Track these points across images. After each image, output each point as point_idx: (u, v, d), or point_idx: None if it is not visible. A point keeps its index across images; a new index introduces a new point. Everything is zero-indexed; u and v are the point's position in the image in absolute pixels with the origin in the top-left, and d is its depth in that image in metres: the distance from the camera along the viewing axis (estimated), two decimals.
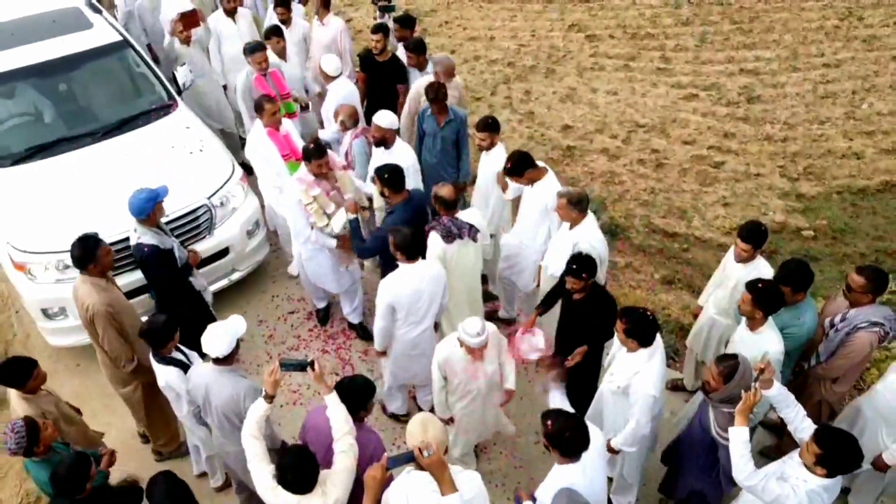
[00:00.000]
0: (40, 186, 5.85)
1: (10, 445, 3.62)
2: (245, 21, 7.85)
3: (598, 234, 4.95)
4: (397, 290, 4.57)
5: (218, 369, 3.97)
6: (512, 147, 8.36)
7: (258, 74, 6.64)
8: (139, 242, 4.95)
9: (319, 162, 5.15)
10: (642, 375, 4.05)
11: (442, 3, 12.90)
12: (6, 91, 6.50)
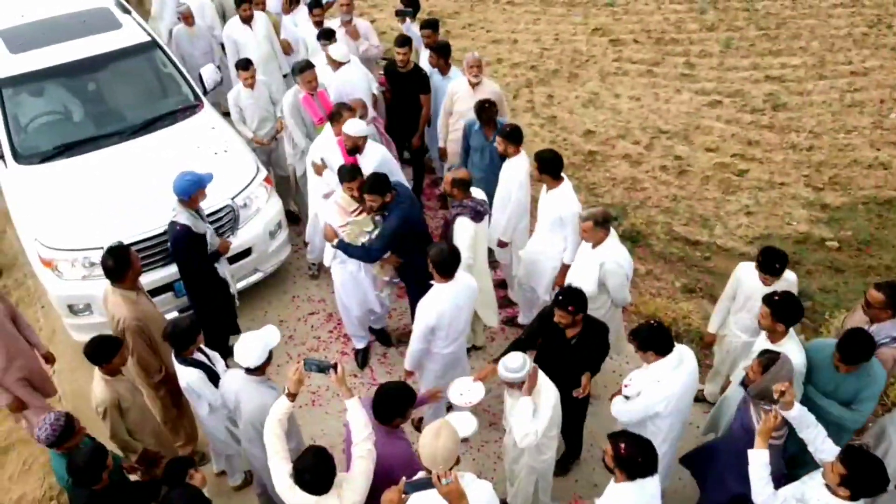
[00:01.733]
0: (68, 184, 5.95)
1: (41, 434, 3.69)
2: (262, 27, 7.82)
3: (624, 251, 4.90)
4: (440, 310, 4.48)
5: (249, 378, 4.01)
6: (532, 152, 8.38)
7: (306, 94, 6.49)
8: (173, 220, 5.12)
9: (351, 184, 5.10)
10: (658, 388, 4.03)
11: (465, 5, 12.90)
12: (36, 90, 6.62)
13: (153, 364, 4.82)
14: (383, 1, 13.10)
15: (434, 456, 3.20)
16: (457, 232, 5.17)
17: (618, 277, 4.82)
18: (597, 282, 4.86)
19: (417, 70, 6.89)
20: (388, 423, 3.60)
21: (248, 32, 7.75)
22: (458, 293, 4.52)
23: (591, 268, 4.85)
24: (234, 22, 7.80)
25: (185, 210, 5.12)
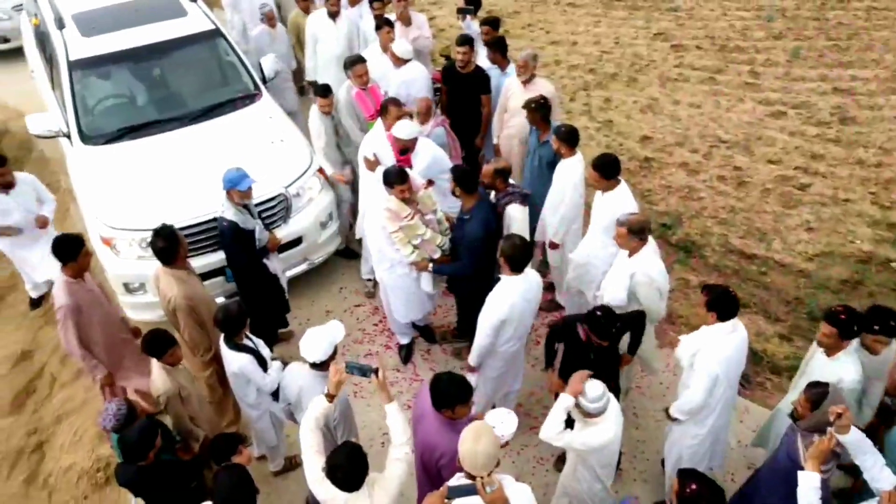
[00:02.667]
0: (129, 166, 6.09)
1: (106, 423, 3.81)
2: (345, 24, 7.80)
3: (659, 264, 4.70)
4: (512, 302, 4.43)
5: (313, 373, 4.03)
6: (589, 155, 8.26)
7: (358, 90, 6.52)
8: (221, 216, 5.20)
9: (402, 187, 4.97)
10: (710, 349, 4.05)
11: (525, 5, 12.82)
12: (105, 73, 6.81)
13: (203, 343, 4.91)
14: None
15: (474, 459, 3.16)
16: (512, 218, 5.21)
17: (648, 290, 4.64)
18: (627, 291, 4.72)
19: (479, 70, 6.81)
20: (444, 408, 3.55)
21: (332, 27, 7.71)
22: (529, 287, 4.49)
23: (622, 277, 4.72)
24: (321, 14, 7.78)
25: (233, 206, 5.18)
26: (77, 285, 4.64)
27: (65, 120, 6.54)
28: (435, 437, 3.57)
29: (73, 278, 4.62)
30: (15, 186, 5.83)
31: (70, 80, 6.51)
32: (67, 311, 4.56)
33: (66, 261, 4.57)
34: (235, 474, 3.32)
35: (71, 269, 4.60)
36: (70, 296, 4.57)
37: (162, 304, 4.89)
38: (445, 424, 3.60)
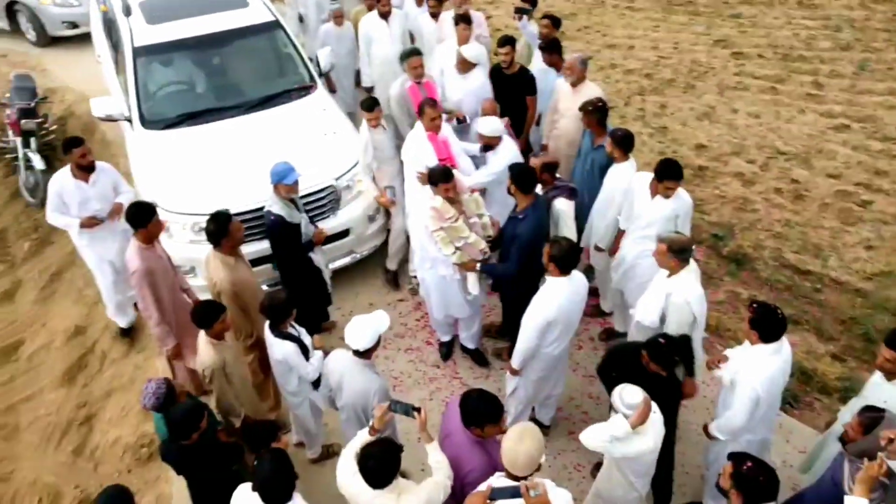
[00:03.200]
0: (186, 151, 6.24)
1: (146, 402, 3.90)
2: (398, 24, 7.75)
3: (698, 289, 4.50)
4: (559, 304, 4.40)
5: (355, 360, 4.05)
6: (641, 161, 8.13)
7: (412, 83, 6.47)
8: (268, 209, 5.26)
9: (447, 186, 4.93)
10: (753, 370, 3.94)
11: (583, 7, 12.69)
12: (166, 60, 6.98)
13: (245, 328, 4.99)
14: None
15: (515, 460, 3.14)
16: (558, 212, 5.22)
17: (681, 315, 4.46)
18: (660, 313, 4.58)
19: (524, 71, 6.75)
20: (474, 426, 3.50)
21: (384, 27, 7.65)
22: (575, 289, 4.46)
23: (658, 297, 4.57)
24: (372, 16, 7.70)
25: (280, 200, 5.23)
26: (148, 251, 4.82)
27: (127, 104, 6.73)
28: (462, 453, 3.52)
29: (144, 244, 4.80)
30: (94, 173, 5.65)
31: (134, 66, 6.69)
32: (142, 275, 4.73)
33: (137, 226, 4.76)
34: (277, 458, 3.36)
35: (142, 235, 4.78)
36: (143, 260, 4.74)
37: (209, 286, 4.99)
38: (474, 442, 3.54)
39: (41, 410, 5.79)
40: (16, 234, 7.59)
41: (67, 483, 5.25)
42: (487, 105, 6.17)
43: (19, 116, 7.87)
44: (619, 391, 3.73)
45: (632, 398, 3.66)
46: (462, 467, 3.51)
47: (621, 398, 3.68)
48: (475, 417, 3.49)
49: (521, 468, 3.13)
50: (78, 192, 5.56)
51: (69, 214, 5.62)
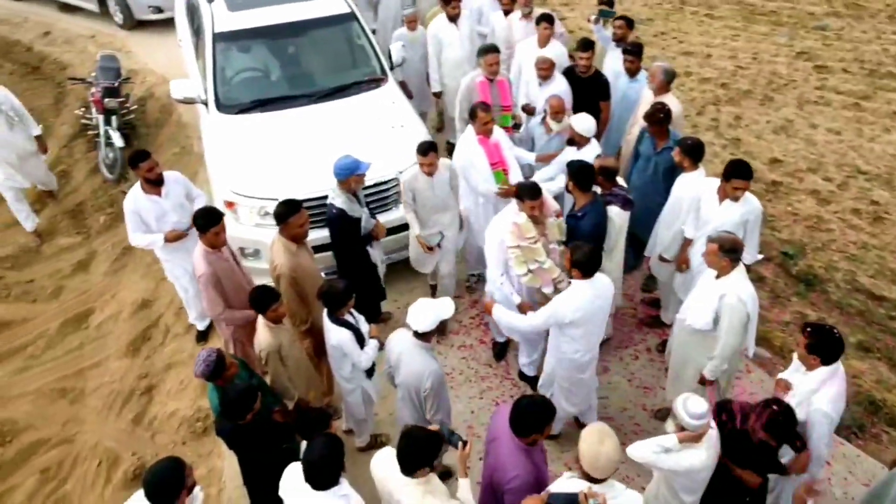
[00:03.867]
0: (258, 137, 6.37)
1: (197, 369, 4.01)
2: (467, 26, 7.65)
3: (750, 287, 4.43)
4: (579, 305, 4.37)
5: (414, 341, 4.10)
6: (711, 172, 7.90)
7: (484, 78, 6.42)
8: (331, 202, 5.30)
9: (533, 203, 4.77)
10: (819, 394, 3.81)
11: (660, 13, 12.43)
12: (244, 46, 7.14)
13: (300, 314, 5.05)
14: (575, 0, 12.93)
15: (595, 460, 3.12)
16: (609, 220, 5.13)
17: (736, 315, 4.37)
18: (712, 315, 4.48)
19: (598, 76, 6.66)
20: (524, 435, 3.46)
21: (454, 31, 7.57)
22: (598, 292, 4.41)
23: (710, 298, 4.47)
24: (442, 20, 7.61)
25: (343, 193, 5.26)
26: (213, 255, 4.83)
27: (204, 88, 6.92)
28: (508, 460, 3.48)
29: (210, 248, 4.82)
30: (164, 185, 5.50)
31: (213, 51, 6.87)
32: (207, 278, 4.77)
33: (204, 230, 4.76)
34: (329, 443, 3.39)
35: (208, 239, 4.80)
36: (208, 265, 4.77)
37: (270, 270, 5.08)
38: (521, 449, 3.50)
39: (106, 378, 6.02)
40: (93, 207, 7.91)
41: (126, 449, 5.45)
42: (556, 102, 6.08)
43: (103, 95, 8.20)
44: (683, 399, 3.61)
45: (697, 408, 3.55)
46: (506, 473, 3.48)
47: (685, 407, 3.57)
48: (526, 427, 3.44)
49: (602, 470, 3.11)
50: (154, 207, 5.44)
51: (151, 231, 5.52)
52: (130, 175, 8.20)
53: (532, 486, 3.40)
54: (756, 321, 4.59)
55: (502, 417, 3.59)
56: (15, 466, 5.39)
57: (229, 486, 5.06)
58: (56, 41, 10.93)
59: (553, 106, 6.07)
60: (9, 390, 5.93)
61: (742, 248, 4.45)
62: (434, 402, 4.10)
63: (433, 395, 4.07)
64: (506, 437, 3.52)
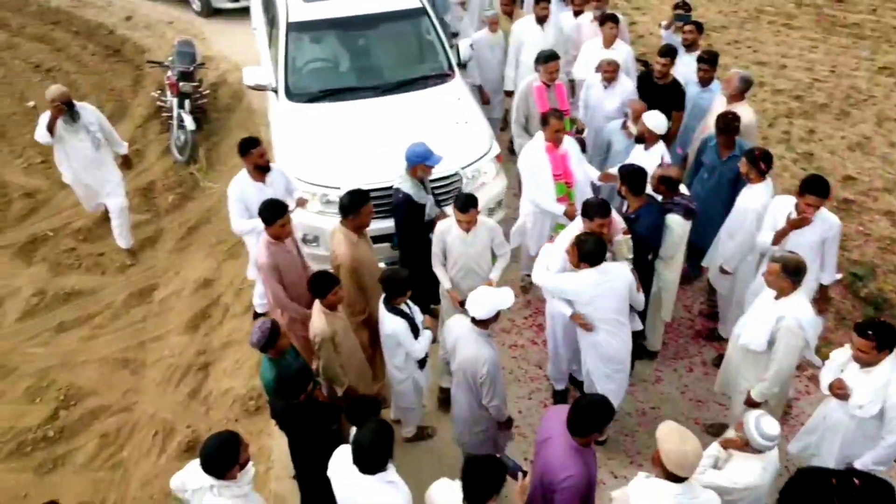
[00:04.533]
0: (324, 126, 6.48)
1: (253, 338, 4.13)
2: (553, 30, 7.50)
3: (811, 311, 4.29)
4: (580, 288, 4.50)
5: (472, 328, 4.14)
6: (780, 186, 7.69)
7: (541, 83, 6.35)
8: (398, 187, 5.38)
9: (602, 221, 4.66)
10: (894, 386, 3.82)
11: (735, 20, 12.12)
12: (316, 37, 7.29)
13: (358, 304, 5.12)
14: (646, 4, 12.73)
15: (683, 459, 3.15)
16: (668, 229, 5.09)
17: (793, 339, 4.23)
18: (768, 336, 4.34)
19: (676, 84, 6.51)
20: (582, 435, 3.46)
21: (539, 33, 7.42)
22: (606, 277, 4.47)
23: (767, 320, 4.33)
24: (528, 20, 7.56)
25: (410, 179, 5.34)
26: (276, 247, 4.91)
27: (275, 76, 7.08)
28: (561, 460, 3.47)
29: (273, 239, 4.91)
30: (270, 174, 5.58)
31: (286, 40, 7.01)
32: (268, 269, 4.87)
33: (270, 223, 4.84)
34: (379, 428, 3.44)
35: (273, 231, 4.87)
36: (269, 256, 4.84)
37: (330, 258, 5.16)
38: (575, 449, 3.49)
39: (166, 351, 6.23)
40: (163, 186, 8.19)
41: (181, 422, 5.63)
42: (637, 106, 5.97)
43: (178, 79, 8.47)
44: (756, 417, 3.52)
45: (771, 429, 3.47)
46: (558, 474, 3.46)
47: (757, 426, 3.48)
48: (585, 427, 3.44)
49: (689, 468, 3.14)
50: (259, 194, 5.39)
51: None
52: (200, 157, 8.48)
53: (585, 486, 3.40)
54: (814, 348, 4.46)
55: (556, 417, 3.60)
56: (78, 429, 5.63)
57: (277, 466, 5.18)
58: (137, 25, 11.34)
59: (635, 110, 5.95)
60: (76, 356, 6.19)
61: (805, 271, 4.28)
62: (490, 388, 4.11)
63: (489, 381, 4.08)
64: (560, 437, 3.51)
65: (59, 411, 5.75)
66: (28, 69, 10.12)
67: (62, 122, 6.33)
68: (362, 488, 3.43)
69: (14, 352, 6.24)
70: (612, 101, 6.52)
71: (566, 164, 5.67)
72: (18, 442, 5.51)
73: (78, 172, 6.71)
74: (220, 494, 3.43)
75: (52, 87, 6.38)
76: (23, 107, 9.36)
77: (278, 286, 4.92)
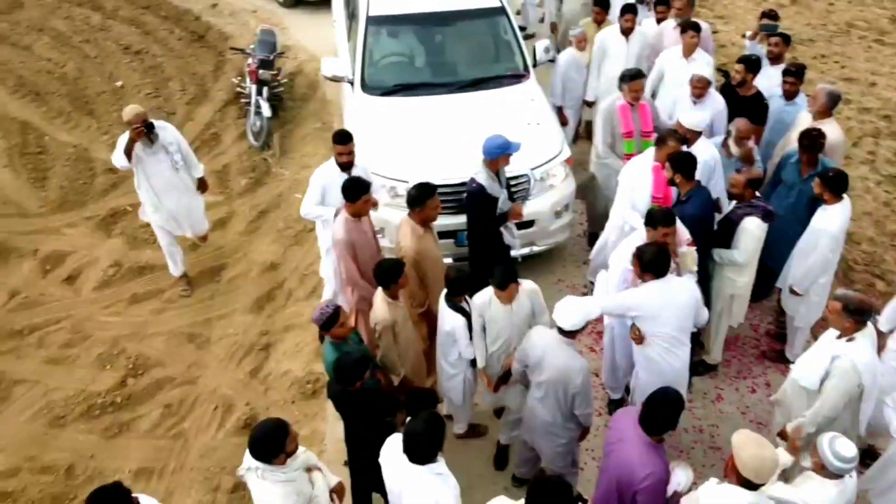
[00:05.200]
0: (396, 120, 6.57)
1: (314, 315, 4.23)
2: (638, 44, 7.32)
3: (871, 356, 4.08)
4: (644, 300, 4.37)
5: (559, 338, 4.12)
6: (859, 209, 7.39)
7: (626, 102, 6.11)
8: (473, 177, 5.42)
9: (667, 231, 4.58)
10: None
11: (823, 34, 11.66)
12: (395, 31, 7.37)
13: (419, 297, 5.18)
14: (730, 13, 12.38)
15: (762, 468, 3.17)
16: (744, 230, 5.03)
17: (845, 382, 4.03)
18: (822, 374, 4.15)
19: (759, 97, 6.28)
20: (657, 433, 3.49)
21: (623, 45, 7.30)
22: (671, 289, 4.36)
23: (822, 357, 4.16)
24: (613, 30, 7.42)
25: (486, 170, 5.36)
26: (353, 224, 5.02)
27: (352, 68, 7.20)
28: (639, 459, 3.48)
29: (352, 217, 5.02)
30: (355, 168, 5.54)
31: (365, 34, 7.13)
32: (343, 247, 4.99)
33: (349, 200, 4.97)
34: (432, 419, 3.48)
35: (351, 208, 4.98)
36: (346, 232, 4.95)
37: (395, 250, 5.23)
38: (652, 447, 3.50)
39: (230, 329, 6.41)
40: (237, 170, 8.43)
41: (240, 399, 5.79)
42: (743, 126, 5.70)
43: (259, 66, 8.70)
44: (830, 438, 3.44)
45: (846, 451, 3.38)
46: (638, 473, 3.47)
47: (832, 447, 3.39)
48: (661, 424, 3.49)
49: (767, 476, 3.18)
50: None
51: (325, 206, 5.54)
52: (274, 144, 8.69)
53: (664, 483, 3.43)
54: (874, 400, 4.22)
55: (626, 418, 3.64)
56: (143, 398, 5.85)
57: (330, 449, 5.29)
58: (222, 13, 11.68)
59: (740, 129, 5.69)
60: (146, 328, 6.44)
61: (871, 311, 4.09)
62: (583, 398, 4.10)
63: (583, 390, 4.07)
64: (634, 437, 3.53)
65: (127, 379, 6.00)
66: (118, 50, 10.56)
67: (140, 143, 5.89)
68: (411, 478, 3.47)
69: (90, 319, 6.54)
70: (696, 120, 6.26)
71: (668, 188, 5.40)
72: (88, 405, 5.77)
73: (160, 195, 6.21)
74: (263, 478, 3.53)
75: (127, 109, 5.84)
76: (111, 86, 9.78)
77: (352, 263, 5.04)
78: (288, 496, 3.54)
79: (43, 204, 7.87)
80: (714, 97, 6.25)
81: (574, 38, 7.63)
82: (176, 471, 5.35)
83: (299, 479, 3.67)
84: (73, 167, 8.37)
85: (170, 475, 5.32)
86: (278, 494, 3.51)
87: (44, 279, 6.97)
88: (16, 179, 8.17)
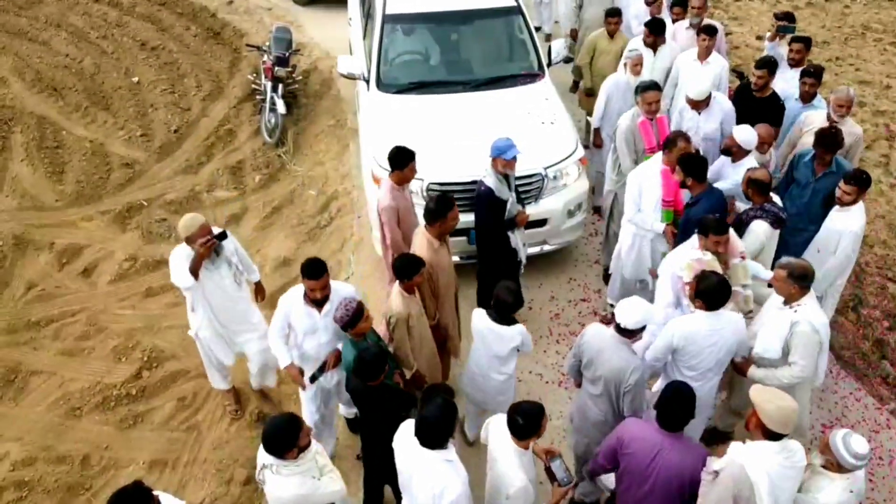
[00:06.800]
0: (411, 117, 6.60)
1: (337, 314, 4.25)
2: (668, 56, 7.13)
3: (822, 315, 4.33)
4: (687, 334, 4.23)
5: (616, 337, 4.12)
6: (872, 213, 7.37)
7: (644, 118, 5.92)
8: (481, 180, 5.46)
9: (718, 239, 4.49)
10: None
11: (838, 36, 11.61)
12: (410, 30, 7.41)
13: (430, 308, 5.10)
14: (744, 15, 12.34)
15: (787, 418, 3.38)
16: (750, 231, 4.98)
17: (809, 342, 4.22)
18: (782, 343, 4.28)
19: (775, 98, 6.25)
20: (674, 429, 3.58)
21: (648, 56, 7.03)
22: (715, 327, 4.20)
23: (780, 327, 4.29)
24: (637, 42, 7.22)
25: (494, 173, 5.38)
26: (398, 191, 5.34)
27: (367, 66, 7.24)
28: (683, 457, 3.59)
29: (397, 184, 5.33)
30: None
31: (381, 32, 7.17)
32: (390, 213, 5.28)
33: (395, 168, 5.29)
34: (446, 404, 3.53)
35: (397, 176, 5.32)
36: (393, 199, 5.28)
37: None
38: (677, 441, 3.61)
39: None
40: (251, 166, 8.49)
41: (253, 393, 5.83)
42: (764, 132, 5.68)
43: (274, 63, 8.75)
44: (843, 435, 3.45)
45: (860, 447, 3.39)
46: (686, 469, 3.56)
47: (845, 443, 3.41)
48: (680, 419, 3.58)
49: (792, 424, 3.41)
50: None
51: None
52: (288, 140, 8.75)
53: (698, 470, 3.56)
54: (827, 352, 4.57)
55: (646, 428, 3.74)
56: (158, 390, 5.91)
57: (340, 445, 5.33)
58: (237, 10, 11.75)
59: (761, 136, 5.62)
60: (161, 321, 6.50)
61: (813, 276, 4.25)
62: (634, 397, 4.11)
63: (634, 390, 4.07)
64: (667, 445, 3.61)
65: (141, 371, 6.06)
66: (135, 46, 10.64)
67: None
68: (421, 463, 3.54)
69: (105, 312, 6.61)
70: (709, 123, 6.15)
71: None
72: (104, 397, 5.83)
73: (217, 313, 5.13)
74: (277, 472, 3.59)
75: (186, 220, 4.68)
76: (127, 82, 9.86)
77: (397, 230, 5.29)
78: (302, 487, 3.60)
79: (60, 198, 7.95)
80: (721, 101, 6.21)
81: (629, 60, 6.73)
82: (189, 463, 5.41)
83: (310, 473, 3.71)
84: (89, 162, 8.45)
85: (183, 467, 5.38)
86: (294, 485, 3.58)
87: (60, 272, 7.05)
88: (33, 173, 8.25)
